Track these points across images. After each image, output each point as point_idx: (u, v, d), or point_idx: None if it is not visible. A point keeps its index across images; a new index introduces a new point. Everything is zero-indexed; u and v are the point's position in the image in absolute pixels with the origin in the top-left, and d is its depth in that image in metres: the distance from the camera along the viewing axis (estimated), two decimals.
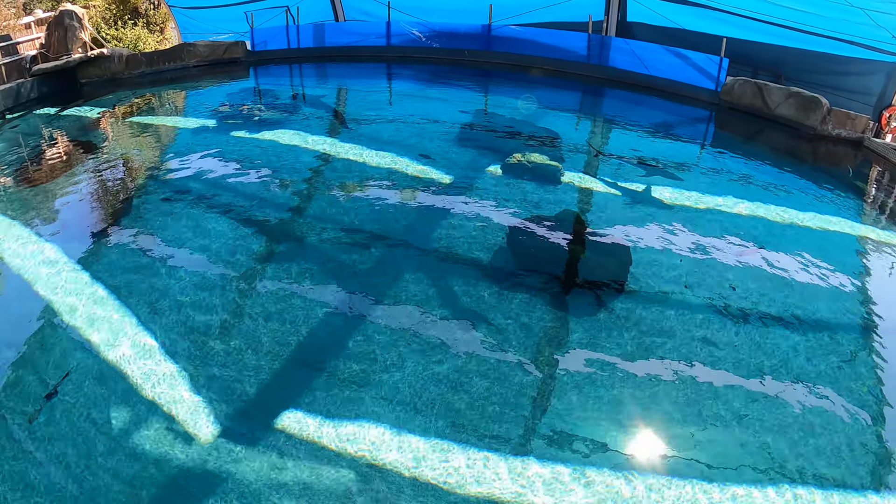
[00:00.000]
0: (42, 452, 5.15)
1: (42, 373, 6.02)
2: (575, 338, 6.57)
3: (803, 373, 6.18)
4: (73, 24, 16.68)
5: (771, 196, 10.09)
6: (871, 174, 11.95)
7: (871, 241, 9.06)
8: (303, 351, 6.35)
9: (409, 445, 5.22)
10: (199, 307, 6.98)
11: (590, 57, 17.64)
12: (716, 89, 15.30)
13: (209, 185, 10.06)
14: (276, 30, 19.98)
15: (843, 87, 15.02)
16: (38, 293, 7.23)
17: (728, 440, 5.38)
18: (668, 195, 9.81)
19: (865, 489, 4.97)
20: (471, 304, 7.07)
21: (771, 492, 4.87)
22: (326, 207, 9.45)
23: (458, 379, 5.95)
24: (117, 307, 6.93)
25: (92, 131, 13.40)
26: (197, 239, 8.39)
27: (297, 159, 11.26)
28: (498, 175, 10.45)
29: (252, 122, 13.26)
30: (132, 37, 20.46)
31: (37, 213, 9.28)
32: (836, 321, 7.01)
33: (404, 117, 13.90)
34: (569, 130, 13.44)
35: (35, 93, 15.87)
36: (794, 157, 12.46)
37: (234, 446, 5.19)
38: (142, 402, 5.65)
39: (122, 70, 17.73)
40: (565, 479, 4.92)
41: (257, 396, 5.76)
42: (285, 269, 7.74)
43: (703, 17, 16.63)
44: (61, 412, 5.54)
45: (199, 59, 18.88)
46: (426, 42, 19.55)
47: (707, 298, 7.25)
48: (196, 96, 16.54)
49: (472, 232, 8.54)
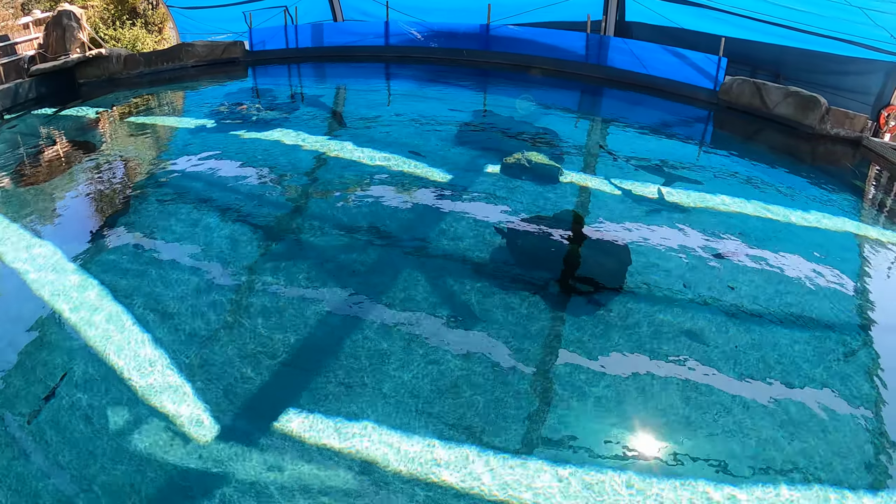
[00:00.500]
0: (40, 454, 5.15)
1: (40, 374, 6.02)
2: (573, 337, 6.57)
3: (801, 372, 6.18)
4: (71, 25, 16.67)
5: (769, 195, 10.10)
6: (869, 173, 11.95)
7: (870, 240, 9.06)
8: (301, 350, 6.35)
9: (406, 445, 5.22)
10: (197, 306, 6.97)
11: (588, 56, 17.64)
12: (714, 89, 15.30)
13: (207, 185, 10.05)
14: (275, 30, 19.96)
15: (842, 87, 15.03)
16: (36, 293, 7.22)
17: (726, 439, 5.38)
18: (666, 194, 9.81)
19: (862, 489, 4.97)
20: (469, 303, 7.07)
21: (769, 491, 4.87)
22: (325, 207, 9.45)
23: (456, 378, 5.95)
24: (115, 307, 6.93)
25: (90, 131, 13.39)
26: (195, 238, 8.39)
27: (296, 159, 11.25)
28: (497, 174, 10.45)
29: (250, 122, 13.26)
30: (130, 37, 20.44)
31: (35, 213, 9.27)
32: (834, 320, 7.02)
33: (403, 117, 13.89)
34: (567, 130, 13.43)
35: (33, 93, 15.86)
36: (792, 157, 12.46)
37: (232, 446, 5.18)
38: (140, 402, 5.64)
39: (120, 70, 17.72)
40: (564, 478, 4.92)
41: (255, 395, 5.76)
42: (284, 268, 7.74)
43: (701, 16, 16.63)
44: (60, 413, 5.54)
45: (197, 59, 18.87)
46: (425, 42, 19.55)
47: (705, 297, 7.25)
48: (194, 96, 16.52)
49: (471, 231, 8.54)
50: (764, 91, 14.19)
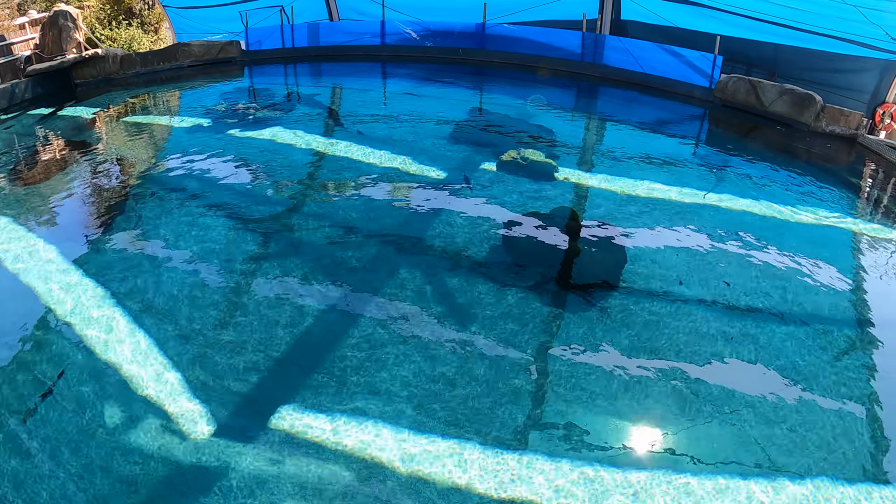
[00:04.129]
0: (39, 451, 5.16)
1: (38, 371, 6.03)
2: (570, 334, 6.59)
3: (797, 367, 6.21)
4: (67, 25, 16.66)
5: (764, 192, 10.13)
6: (864, 171, 12.00)
7: (865, 237, 9.09)
8: (299, 347, 6.36)
9: (404, 442, 5.24)
10: (194, 305, 6.99)
11: (584, 55, 17.69)
12: (710, 87, 15.34)
13: (204, 184, 10.06)
14: (271, 29, 19.97)
15: (837, 84, 15.07)
16: (33, 292, 7.23)
17: (723, 435, 5.40)
18: (662, 192, 9.84)
19: (858, 482, 5.00)
20: (466, 300, 7.09)
21: (767, 486, 4.90)
22: (321, 205, 9.47)
23: (453, 375, 5.97)
24: (112, 305, 6.94)
25: (87, 131, 13.38)
26: (192, 237, 8.40)
27: (292, 158, 11.27)
28: (493, 172, 10.48)
29: (247, 121, 13.27)
30: (126, 37, 20.40)
31: (31, 213, 9.28)
32: (829, 316, 7.05)
33: (399, 115, 13.91)
34: (564, 128, 13.46)
35: (29, 93, 15.85)
36: (787, 154, 12.49)
37: (229, 443, 5.20)
38: (138, 399, 5.66)
39: (116, 70, 17.71)
40: (564, 474, 4.95)
41: (253, 393, 5.77)
42: (281, 266, 7.76)
43: (696, 14, 16.67)
44: (57, 410, 5.55)
45: (193, 58, 18.86)
46: (421, 41, 19.57)
47: (701, 294, 7.28)
48: (191, 96, 16.52)
49: (467, 228, 8.56)
50: (759, 89, 14.23)
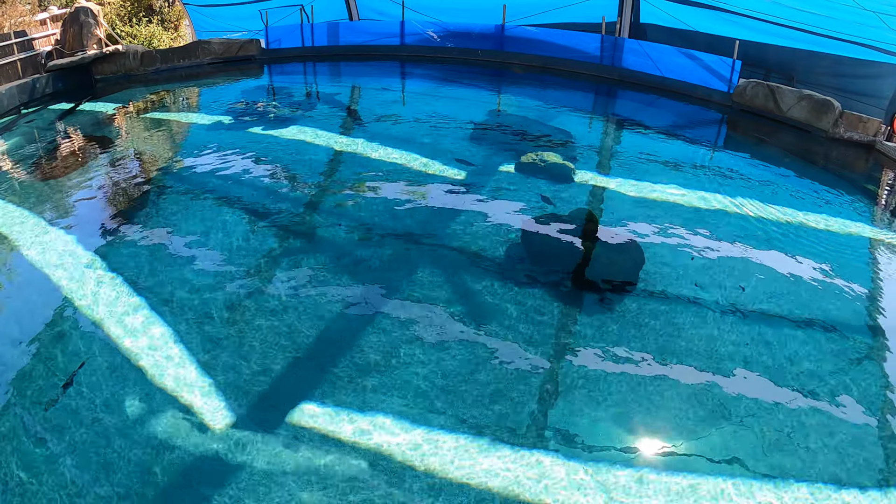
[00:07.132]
0: (58, 441, 5.24)
1: (59, 362, 6.11)
2: (586, 334, 6.62)
3: (812, 373, 6.20)
4: (88, 21, 16.83)
5: (782, 198, 10.11)
6: (882, 177, 11.94)
7: (882, 244, 9.06)
8: (317, 343, 6.42)
9: (419, 438, 5.28)
10: (215, 299, 7.06)
11: (603, 58, 17.70)
12: (728, 91, 15.31)
13: (224, 181, 10.15)
14: (291, 28, 20.09)
15: (856, 90, 14.98)
16: (55, 284, 7.33)
17: (736, 438, 5.41)
18: (679, 195, 9.84)
19: (871, 488, 5.00)
20: (483, 299, 7.13)
21: (781, 492, 4.91)
22: (341, 203, 9.53)
23: (468, 373, 6.01)
24: (133, 298, 7.03)
25: (106, 127, 13.53)
26: (212, 233, 8.48)
27: (312, 156, 11.35)
28: (511, 173, 10.51)
29: (267, 119, 13.37)
30: (147, 34, 20.57)
31: (52, 206, 9.40)
32: (845, 322, 7.03)
33: (418, 116, 13.98)
34: (582, 130, 13.48)
35: (50, 88, 16.03)
36: (805, 160, 12.46)
37: (248, 436, 5.25)
38: (157, 391, 5.73)
39: (136, 67, 17.89)
40: (577, 475, 4.97)
41: (271, 387, 5.83)
42: (300, 263, 7.82)
43: (715, 19, 16.63)
44: (78, 401, 5.63)
45: (213, 56, 19.02)
46: (440, 42, 19.62)
47: (716, 298, 7.29)
48: (211, 93, 16.65)
49: (486, 228, 8.60)
50: (778, 94, 14.19)
